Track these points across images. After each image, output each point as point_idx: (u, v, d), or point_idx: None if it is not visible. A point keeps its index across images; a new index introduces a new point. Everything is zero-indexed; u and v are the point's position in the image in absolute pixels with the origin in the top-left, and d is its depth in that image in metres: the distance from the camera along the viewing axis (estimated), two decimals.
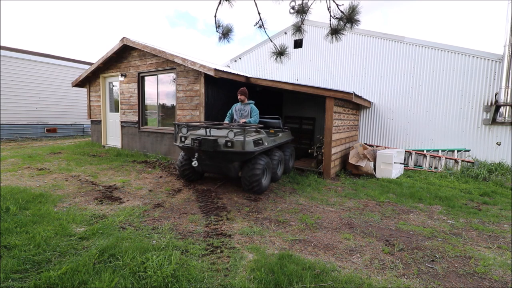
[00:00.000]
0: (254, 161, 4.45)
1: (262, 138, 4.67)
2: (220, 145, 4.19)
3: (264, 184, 4.61)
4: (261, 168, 4.43)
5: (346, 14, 3.47)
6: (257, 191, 4.51)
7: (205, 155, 4.44)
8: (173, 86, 7.40)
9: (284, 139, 5.79)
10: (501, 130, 7.00)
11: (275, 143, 5.18)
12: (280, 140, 5.54)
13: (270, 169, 4.79)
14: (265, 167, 4.62)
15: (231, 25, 3.83)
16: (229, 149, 4.13)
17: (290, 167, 6.17)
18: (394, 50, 8.37)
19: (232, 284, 2.18)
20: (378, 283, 2.30)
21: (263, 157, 4.61)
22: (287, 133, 6.14)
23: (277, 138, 5.43)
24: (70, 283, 2.06)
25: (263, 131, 4.98)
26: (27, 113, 11.42)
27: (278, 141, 5.38)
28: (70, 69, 12.73)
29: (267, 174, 4.73)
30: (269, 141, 4.91)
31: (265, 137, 4.79)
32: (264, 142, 4.69)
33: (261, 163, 4.45)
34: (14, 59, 10.84)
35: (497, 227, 3.65)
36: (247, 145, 4.14)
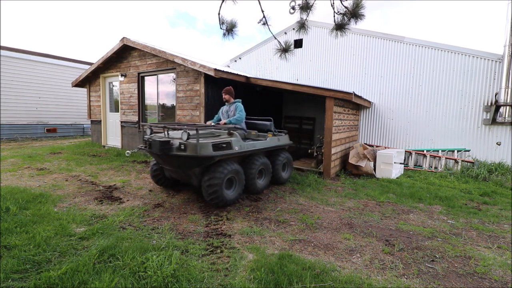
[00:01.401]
0: (215, 168, 3.76)
1: (229, 141, 3.93)
2: (172, 148, 3.66)
3: (230, 197, 3.90)
4: (221, 176, 3.72)
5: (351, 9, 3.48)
6: (217, 203, 3.79)
7: (161, 159, 3.99)
8: (173, 86, 7.40)
9: (274, 143, 4.98)
10: (501, 130, 7.00)
11: (254, 148, 4.42)
12: (267, 144, 4.76)
13: (240, 179, 4.05)
14: (233, 176, 3.96)
15: (235, 20, 3.85)
16: (182, 152, 3.58)
17: (283, 177, 5.22)
18: (394, 50, 8.37)
19: (232, 284, 2.18)
20: (378, 283, 2.30)
21: (229, 164, 3.90)
22: (283, 137, 5.30)
23: (262, 142, 4.68)
24: (70, 283, 2.06)
25: (237, 133, 4.26)
26: (27, 113, 11.42)
27: (261, 146, 4.60)
28: (70, 69, 12.73)
29: (236, 185, 4.02)
30: (243, 145, 4.17)
31: (236, 140, 4.06)
32: (234, 146, 3.97)
33: (222, 171, 3.76)
34: (14, 59, 10.84)
35: (497, 227, 3.65)
36: (203, 149, 3.54)
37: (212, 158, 3.67)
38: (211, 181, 3.68)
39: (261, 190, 4.63)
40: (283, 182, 5.28)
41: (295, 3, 3.87)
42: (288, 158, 5.40)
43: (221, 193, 3.75)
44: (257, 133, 5.17)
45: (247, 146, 4.26)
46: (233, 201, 3.99)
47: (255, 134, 5.13)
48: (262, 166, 4.60)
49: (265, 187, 4.73)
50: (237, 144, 4.06)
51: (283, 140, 5.29)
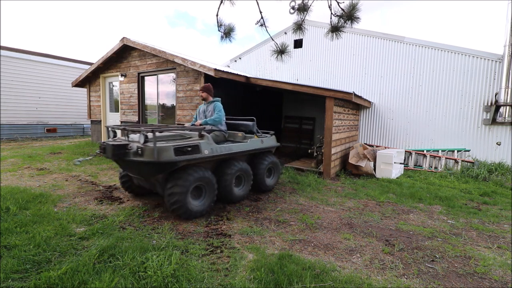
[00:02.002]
0: (178, 175, 3.32)
1: (197, 144, 3.46)
2: (129, 153, 3.25)
3: (197, 208, 3.44)
4: (185, 185, 3.28)
5: (347, 11, 3.48)
6: (181, 215, 3.34)
7: (122, 166, 3.67)
8: (173, 86, 7.41)
9: (256, 146, 4.45)
10: (501, 130, 7.00)
11: (231, 151, 3.94)
12: (247, 147, 4.28)
13: (211, 188, 3.59)
14: (201, 184, 3.50)
15: (233, 24, 3.85)
16: (138, 158, 3.16)
17: (267, 184, 4.68)
18: (394, 50, 8.37)
19: (232, 284, 2.18)
20: (378, 283, 2.30)
21: (196, 170, 3.44)
22: (268, 139, 4.78)
23: (241, 145, 4.20)
24: (70, 283, 2.06)
25: (209, 135, 3.78)
26: (27, 113, 11.42)
27: (240, 149, 4.12)
28: (70, 69, 12.73)
29: (205, 194, 3.57)
30: (216, 148, 3.70)
31: (206, 143, 3.60)
32: (203, 149, 3.50)
33: (187, 179, 3.31)
34: (14, 59, 10.84)
35: (497, 227, 3.65)
36: (162, 153, 3.11)
37: (174, 164, 3.24)
38: (173, 189, 3.26)
39: (239, 200, 4.12)
40: (268, 189, 4.72)
41: (295, 3, 3.88)
42: (274, 162, 4.85)
43: (185, 204, 3.30)
44: (243, 135, 4.60)
45: (221, 149, 3.78)
46: (202, 213, 3.50)
47: (242, 136, 4.58)
48: (241, 172, 4.09)
49: (245, 195, 4.20)
50: (207, 147, 3.58)
51: (268, 142, 4.74)
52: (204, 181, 3.52)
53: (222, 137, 4.40)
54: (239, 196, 4.10)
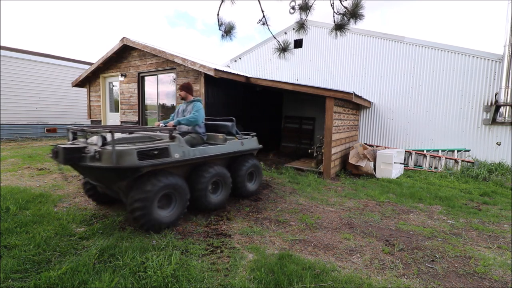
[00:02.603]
0: (143, 183, 2.95)
1: (166, 147, 3.13)
2: (85, 158, 2.88)
3: (165, 219, 3.08)
4: (150, 193, 2.91)
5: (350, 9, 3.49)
6: (143, 225, 2.94)
7: (80, 172, 3.30)
8: (173, 86, 7.40)
9: (235, 148, 4.16)
10: (501, 130, 7.00)
11: (206, 154, 3.63)
12: (225, 150, 3.98)
13: (182, 196, 3.23)
14: (170, 191, 3.13)
15: (233, 22, 3.86)
16: (95, 163, 2.81)
17: (248, 189, 4.35)
18: (394, 50, 8.37)
19: (232, 284, 2.18)
20: (378, 283, 2.30)
21: (165, 176, 3.08)
22: (249, 141, 4.47)
23: (218, 147, 3.89)
24: (70, 283, 2.06)
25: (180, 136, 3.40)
26: (27, 113, 11.42)
27: (216, 152, 3.81)
28: (70, 69, 12.72)
29: (176, 202, 3.21)
30: (188, 152, 3.38)
31: (177, 146, 3.26)
32: (173, 153, 3.18)
33: (153, 186, 2.94)
34: (14, 59, 10.84)
35: (497, 227, 3.65)
36: (122, 157, 2.76)
37: (137, 170, 2.89)
38: (136, 199, 2.87)
39: (216, 208, 3.76)
40: (249, 195, 4.40)
41: (295, 3, 3.88)
42: (256, 165, 4.53)
43: (151, 215, 2.93)
44: (224, 137, 4.22)
45: (195, 152, 3.47)
46: (172, 224, 3.14)
47: (222, 138, 4.21)
48: (218, 177, 3.75)
49: (222, 202, 3.86)
50: (178, 151, 3.25)
51: (249, 144, 4.42)
52: (173, 188, 3.13)
53: (199, 139, 4.06)
54: (215, 203, 3.72)
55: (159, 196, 3.03)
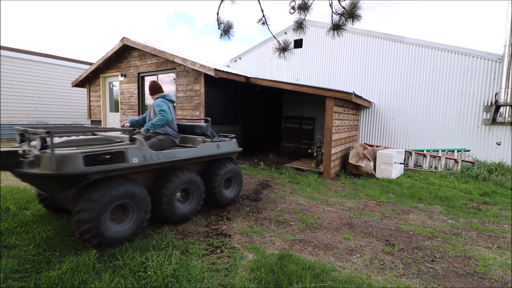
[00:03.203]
0: (91, 192, 2.52)
1: (122, 150, 2.73)
2: (22, 163, 2.49)
3: (119, 235, 2.65)
4: (98, 205, 2.48)
5: (348, 9, 3.50)
6: (88, 241, 2.50)
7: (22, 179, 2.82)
8: (173, 86, 7.41)
9: (210, 152, 3.72)
10: (501, 130, 7.00)
11: (174, 159, 3.21)
12: (198, 153, 3.54)
13: (141, 206, 2.80)
14: (126, 202, 2.70)
15: (231, 21, 3.87)
16: (32, 169, 2.45)
17: (225, 197, 3.91)
18: (394, 50, 8.37)
19: (232, 284, 2.18)
20: (378, 283, 2.30)
21: (120, 185, 2.66)
22: (226, 143, 4.03)
23: (189, 151, 3.46)
24: (70, 283, 2.06)
25: (141, 138, 2.98)
26: (27, 113, 11.42)
27: (186, 156, 3.39)
28: (70, 69, 12.73)
29: (133, 214, 2.78)
30: (151, 155, 2.97)
31: (137, 149, 2.85)
32: (130, 157, 2.77)
33: (102, 197, 2.51)
34: (14, 59, 10.84)
35: (497, 227, 3.65)
36: (64, 163, 2.37)
37: (83, 177, 2.47)
38: (82, 214, 2.45)
39: (184, 219, 3.35)
40: (226, 203, 3.95)
41: (295, 3, 3.89)
42: (235, 171, 4.07)
43: (101, 231, 2.50)
44: (203, 139, 3.84)
45: (159, 157, 3.05)
46: (126, 240, 2.71)
47: (201, 141, 3.80)
48: (188, 185, 3.35)
49: (192, 213, 3.44)
50: (138, 155, 2.85)
51: (226, 146, 4.00)
52: (130, 198, 2.72)
53: (169, 141, 3.63)
54: (183, 214, 3.32)
55: (112, 207, 2.60)
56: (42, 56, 11.81)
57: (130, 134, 2.97)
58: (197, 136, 3.96)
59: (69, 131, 2.80)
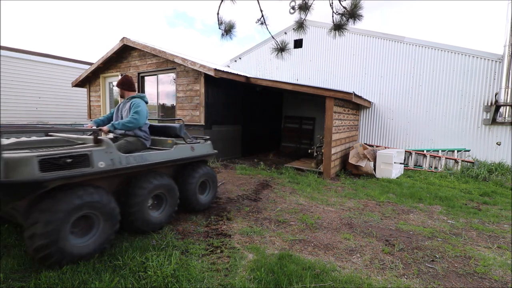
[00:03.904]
0: (47, 202, 2.18)
1: (86, 153, 2.42)
2: None
3: (83, 249, 2.34)
4: (56, 217, 2.15)
5: (349, 9, 3.51)
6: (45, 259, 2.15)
7: None
8: (173, 86, 7.41)
9: (184, 154, 3.48)
10: (501, 130, 7.00)
11: (145, 162, 2.93)
12: (171, 156, 3.29)
13: (109, 216, 2.49)
14: (91, 212, 2.39)
15: (233, 21, 3.87)
16: None
17: (200, 202, 3.69)
18: (394, 50, 8.37)
19: (232, 284, 2.18)
20: (378, 283, 2.30)
21: (83, 192, 2.33)
22: (201, 146, 3.77)
23: (161, 153, 3.19)
24: (70, 283, 2.06)
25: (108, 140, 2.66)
26: (27, 113, 11.42)
27: (158, 159, 3.11)
28: (70, 69, 12.73)
29: (99, 225, 2.46)
30: (119, 159, 2.68)
31: (103, 152, 2.56)
32: (96, 161, 2.47)
33: (60, 207, 2.18)
34: (14, 59, 10.84)
35: (497, 227, 3.65)
36: (15, 168, 2.06)
37: (39, 185, 2.13)
38: (36, 228, 2.10)
39: (158, 227, 3.06)
40: (200, 209, 3.72)
41: (295, 3, 3.89)
42: (209, 174, 3.86)
43: (59, 248, 2.17)
44: (174, 141, 3.58)
45: (129, 160, 2.78)
46: (90, 255, 2.38)
47: (172, 143, 3.56)
48: (160, 190, 3.08)
49: (167, 220, 3.20)
50: (105, 158, 2.55)
51: (200, 149, 3.76)
52: (95, 207, 2.39)
53: (138, 144, 3.33)
54: (156, 222, 3.05)
55: (74, 218, 2.27)
56: (42, 56, 11.81)
57: (96, 135, 2.63)
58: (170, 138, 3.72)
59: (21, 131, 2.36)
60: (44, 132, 2.81)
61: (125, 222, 2.80)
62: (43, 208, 2.15)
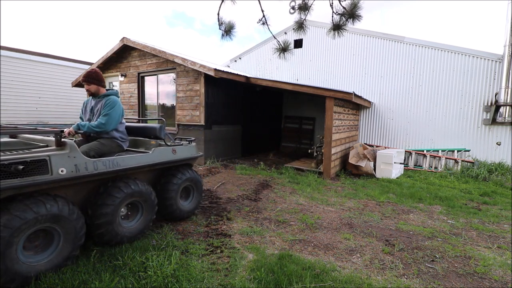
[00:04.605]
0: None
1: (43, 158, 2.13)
2: None
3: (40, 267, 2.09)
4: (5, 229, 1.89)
5: (348, 10, 3.51)
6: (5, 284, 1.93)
7: None
8: (173, 86, 7.41)
9: (164, 158, 3.17)
10: (501, 130, 7.00)
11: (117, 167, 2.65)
12: (149, 160, 2.99)
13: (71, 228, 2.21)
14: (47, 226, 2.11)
15: (233, 21, 3.87)
16: None
17: (182, 209, 3.37)
18: (394, 50, 8.37)
19: (232, 284, 2.18)
20: (378, 283, 2.30)
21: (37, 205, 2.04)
22: (183, 148, 3.45)
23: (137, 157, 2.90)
24: (70, 283, 2.06)
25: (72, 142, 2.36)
26: (27, 113, 11.42)
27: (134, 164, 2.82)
28: (70, 69, 12.72)
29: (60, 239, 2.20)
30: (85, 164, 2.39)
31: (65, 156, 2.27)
32: (56, 167, 2.19)
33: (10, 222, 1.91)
34: (14, 59, 10.84)
35: (497, 227, 3.65)
36: None
37: None
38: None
39: (130, 239, 2.73)
40: (183, 216, 3.41)
41: (295, 3, 3.89)
42: (194, 179, 3.52)
43: (9, 266, 1.91)
44: (157, 143, 3.35)
45: (98, 165, 2.48)
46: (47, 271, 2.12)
47: (155, 144, 3.34)
48: (135, 198, 2.75)
49: (143, 230, 2.87)
50: (65, 164, 2.25)
51: (183, 152, 3.44)
52: (55, 219, 2.11)
53: (113, 146, 3.02)
54: (130, 234, 2.72)
55: (28, 233, 2.02)
56: (42, 56, 11.81)
57: (58, 136, 2.31)
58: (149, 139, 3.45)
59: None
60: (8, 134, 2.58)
61: (92, 235, 2.53)
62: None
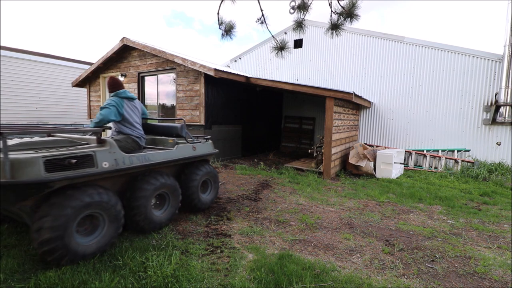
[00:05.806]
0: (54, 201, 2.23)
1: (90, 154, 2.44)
2: None
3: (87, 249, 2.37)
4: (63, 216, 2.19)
5: (346, 9, 3.52)
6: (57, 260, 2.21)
7: None
8: (173, 86, 7.41)
9: (186, 154, 3.51)
10: (501, 130, 7.00)
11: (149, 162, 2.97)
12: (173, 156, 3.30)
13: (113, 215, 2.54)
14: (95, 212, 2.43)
15: (233, 21, 3.87)
16: None
17: (202, 201, 3.70)
18: (394, 50, 8.37)
19: (232, 284, 2.18)
20: (378, 283, 2.30)
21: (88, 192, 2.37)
22: (202, 145, 3.81)
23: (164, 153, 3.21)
24: (70, 283, 2.06)
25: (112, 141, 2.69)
26: (27, 113, 11.42)
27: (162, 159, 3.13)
28: (70, 69, 12.73)
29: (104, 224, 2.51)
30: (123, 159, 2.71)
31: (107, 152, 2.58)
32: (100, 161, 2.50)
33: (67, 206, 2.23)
34: (14, 59, 10.84)
35: (497, 227, 3.65)
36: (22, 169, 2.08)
37: (45, 186, 2.16)
38: (43, 223, 2.13)
39: (160, 226, 3.08)
40: (203, 208, 3.73)
41: (295, 3, 3.89)
42: (211, 173, 3.88)
43: (65, 244, 2.20)
44: (175, 141, 3.64)
45: (133, 160, 2.79)
46: (94, 255, 2.41)
47: (173, 142, 3.64)
48: (163, 190, 3.09)
49: (168, 219, 3.19)
50: (108, 159, 2.56)
51: (202, 148, 3.79)
52: (101, 207, 2.42)
53: (130, 142, 3.26)
54: (160, 221, 3.07)
55: (79, 219, 2.30)
56: (42, 56, 11.81)
57: (98, 135, 2.65)
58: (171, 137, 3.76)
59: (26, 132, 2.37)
60: (46, 133, 2.83)
61: (129, 221, 2.83)
62: (49, 208, 2.18)
